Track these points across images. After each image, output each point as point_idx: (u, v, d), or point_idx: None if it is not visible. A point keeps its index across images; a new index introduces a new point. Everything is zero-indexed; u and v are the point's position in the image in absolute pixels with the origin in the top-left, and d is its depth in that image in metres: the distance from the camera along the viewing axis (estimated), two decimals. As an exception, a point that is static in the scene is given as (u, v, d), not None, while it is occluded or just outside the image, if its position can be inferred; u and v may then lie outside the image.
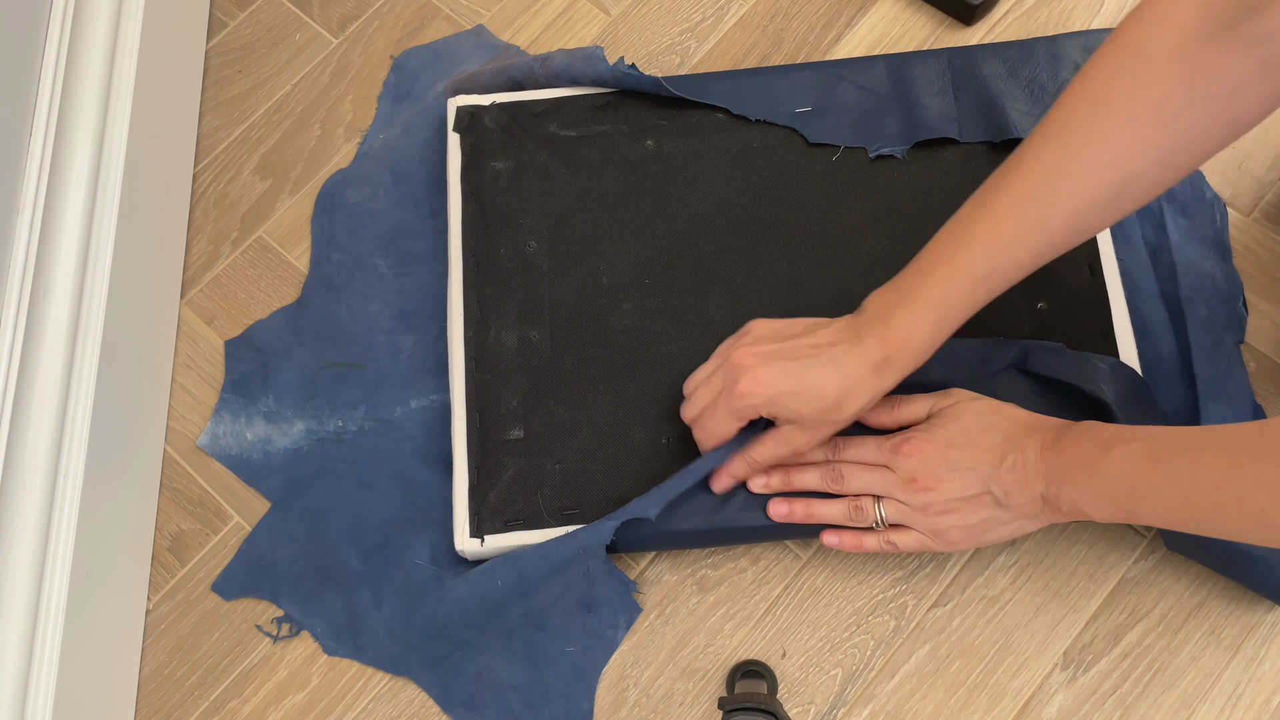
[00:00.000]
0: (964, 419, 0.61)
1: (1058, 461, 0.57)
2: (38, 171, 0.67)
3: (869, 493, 0.63)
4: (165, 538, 0.72)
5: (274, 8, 0.86)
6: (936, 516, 0.61)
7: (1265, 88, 0.50)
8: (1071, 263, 0.69)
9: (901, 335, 0.58)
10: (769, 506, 0.65)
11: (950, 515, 0.60)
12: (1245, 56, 0.49)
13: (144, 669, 0.69)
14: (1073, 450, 0.57)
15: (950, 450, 0.60)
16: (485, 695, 0.66)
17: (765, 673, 0.65)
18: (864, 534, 0.63)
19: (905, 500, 0.61)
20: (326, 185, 0.79)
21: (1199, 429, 0.53)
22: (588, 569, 0.64)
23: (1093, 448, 0.56)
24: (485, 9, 0.84)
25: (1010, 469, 0.59)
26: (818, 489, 0.64)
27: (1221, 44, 0.49)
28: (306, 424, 0.73)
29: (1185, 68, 0.50)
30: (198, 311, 0.77)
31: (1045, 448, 0.58)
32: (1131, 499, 0.54)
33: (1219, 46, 0.49)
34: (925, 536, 0.62)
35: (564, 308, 0.71)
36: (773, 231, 0.72)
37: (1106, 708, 0.64)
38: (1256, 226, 0.73)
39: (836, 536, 0.64)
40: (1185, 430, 0.53)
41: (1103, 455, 0.55)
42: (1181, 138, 0.52)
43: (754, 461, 0.63)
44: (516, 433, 0.68)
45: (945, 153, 0.73)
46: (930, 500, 0.60)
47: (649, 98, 0.75)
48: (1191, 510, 0.51)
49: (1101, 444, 0.55)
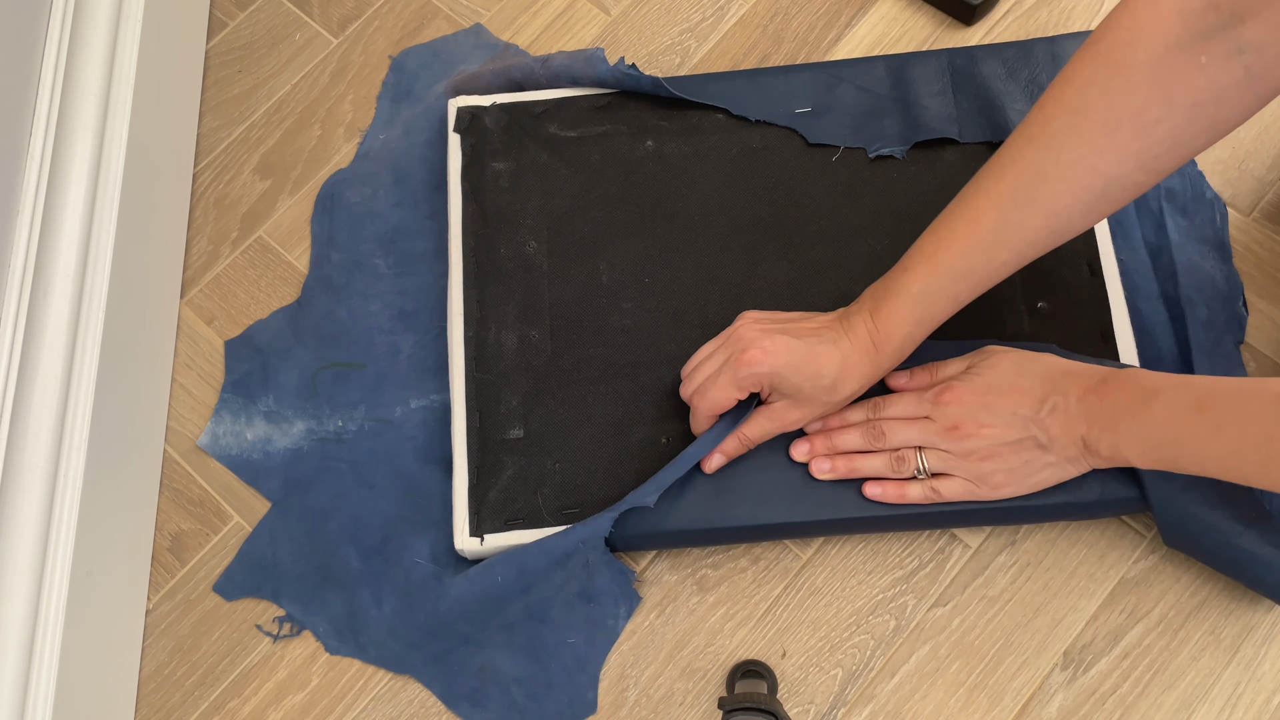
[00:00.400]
0: (1001, 365, 0.62)
1: (1100, 406, 0.58)
2: (38, 171, 0.67)
3: (911, 445, 0.63)
4: (165, 538, 0.72)
5: (274, 8, 0.86)
6: (979, 462, 0.61)
7: (1248, 95, 0.50)
8: (1071, 263, 0.69)
9: (885, 326, 0.59)
10: (811, 465, 0.65)
11: (993, 460, 0.61)
12: (1227, 65, 0.49)
13: (144, 669, 0.69)
14: (1116, 395, 0.57)
15: (989, 395, 0.61)
16: (489, 689, 0.66)
17: (765, 673, 0.65)
18: (907, 484, 0.64)
19: (948, 448, 0.62)
20: (326, 185, 0.79)
21: (1247, 380, 0.53)
22: (587, 560, 0.64)
23: (1137, 393, 0.56)
24: (485, 9, 0.84)
25: (1051, 411, 0.59)
26: (860, 449, 0.64)
27: (1201, 53, 0.49)
28: (306, 424, 0.73)
29: (1164, 77, 0.50)
30: (198, 311, 0.77)
31: (1088, 391, 0.59)
32: (1174, 446, 0.55)
33: (1198, 55, 0.49)
34: (969, 482, 0.62)
35: (564, 307, 0.71)
36: (773, 231, 0.72)
37: (1106, 708, 0.64)
38: (1256, 226, 0.73)
39: (879, 487, 0.64)
40: (1233, 381, 0.53)
41: (1148, 401, 0.56)
42: (1161, 143, 0.52)
43: (746, 438, 0.64)
44: (516, 432, 0.68)
45: (945, 153, 0.73)
46: (973, 446, 0.61)
47: (649, 98, 0.75)
48: (1236, 461, 0.52)
49: (1147, 390, 0.56)
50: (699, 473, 0.66)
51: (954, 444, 0.62)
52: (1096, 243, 0.69)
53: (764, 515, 0.65)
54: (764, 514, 0.65)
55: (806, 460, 0.65)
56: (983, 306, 0.68)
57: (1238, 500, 0.61)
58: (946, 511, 0.65)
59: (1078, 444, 0.59)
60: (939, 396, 0.62)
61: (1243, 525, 0.61)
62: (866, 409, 0.65)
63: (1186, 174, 0.73)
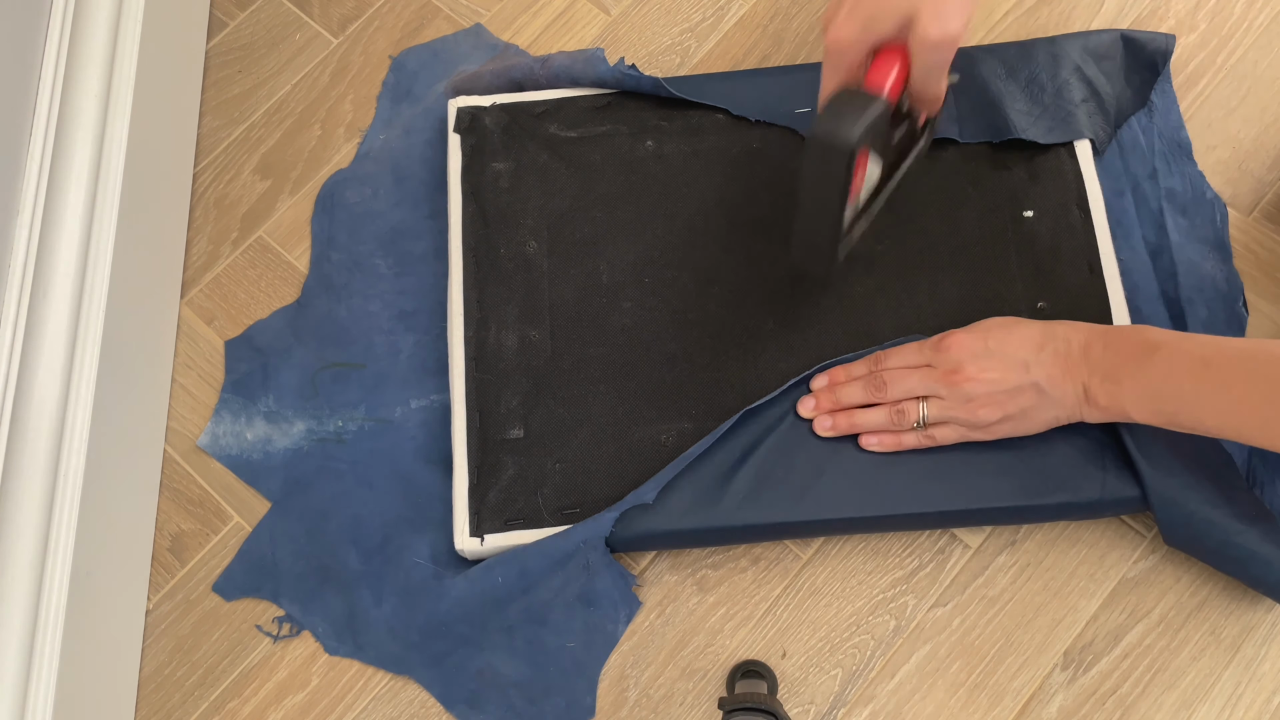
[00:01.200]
0: (1002, 318, 0.63)
1: (1103, 356, 0.58)
2: (38, 171, 0.67)
3: (912, 395, 0.64)
4: (165, 538, 0.72)
5: (274, 8, 0.86)
6: (979, 409, 0.62)
7: None
8: (1071, 263, 0.69)
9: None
10: (814, 424, 0.66)
11: (991, 406, 0.62)
12: None
13: (144, 669, 0.69)
14: (1120, 346, 0.58)
15: (990, 340, 0.62)
16: (487, 692, 0.66)
17: (765, 673, 0.65)
18: (903, 433, 0.64)
19: (947, 395, 0.62)
20: (326, 185, 0.79)
21: (1253, 340, 0.53)
22: (587, 562, 0.64)
23: (1141, 345, 0.57)
24: (485, 9, 0.84)
25: (1052, 355, 0.60)
26: (862, 401, 0.65)
27: None
28: (306, 424, 0.73)
29: None
30: (198, 311, 0.77)
31: (1091, 341, 0.59)
32: (1175, 400, 0.55)
33: None
34: (964, 429, 0.63)
35: (564, 307, 0.71)
36: (772, 232, 0.72)
37: (1107, 708, 0.64)
38: (1256, 226, 0.73)
39: (876, 438, 0.65)
40: (1238, 340, 0.54)
41: (1151, 354, 0.56)
42: None
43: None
44: (516, 432, 0.68)
45: (945, 153, 0.73)
46: (972, 391, 0.61)
47: (649, 98, 0.75)
48: (1236, 420, 0.52)
49: (1151, 343, 0.56)
50: (699, 473, 0.66)
51: (954, 390, 0.62)
52: (1097, 242, 0.69)
53: (764, 515, 0.65)
54: (764, 514, 0.65)
55: (813, 416, 0.66)
56: (982, 306, 0.68)
57: (1238, 499, 0.61)
58: (947, 511, 0.65)
59: (1078, 392, 0.60)
60: (940, 343, 0.63)
61: (1243, 524, 0.61)
62: (869, 362, 0.66)
63: (1187, 174, 0.73)
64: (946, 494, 0.65)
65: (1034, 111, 0.72)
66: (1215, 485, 0.61)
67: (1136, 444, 0.63)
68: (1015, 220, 0.70)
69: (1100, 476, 0.63)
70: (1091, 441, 0.64)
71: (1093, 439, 0.64)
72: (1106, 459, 0.64)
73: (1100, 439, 0.64)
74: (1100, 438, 0.64)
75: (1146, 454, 0.62)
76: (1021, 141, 0.72)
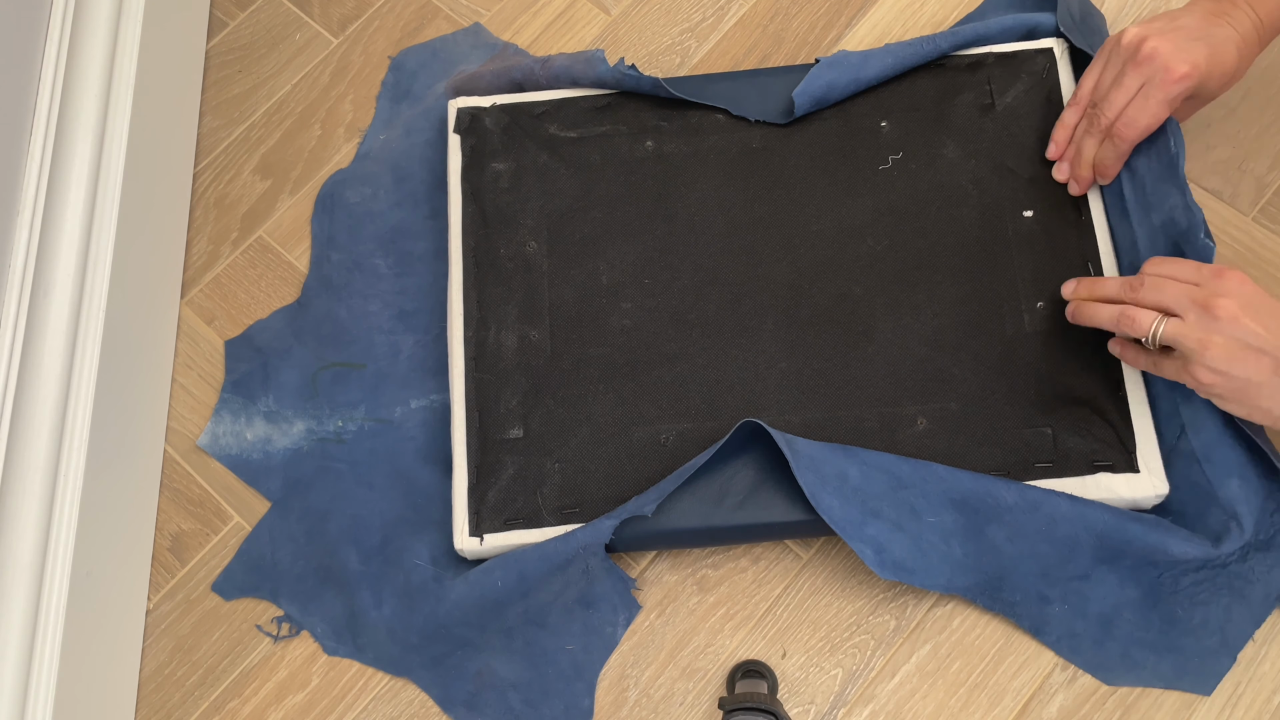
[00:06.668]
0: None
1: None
2: (38, 171, 0.67)
3: (1162, 307, 0.60)
4: (165, 538, 0.72)
5: (274, 8, 0.86)
6: (1210, 349, 0.57)
7: None
8: (1072, 262, 0.69)
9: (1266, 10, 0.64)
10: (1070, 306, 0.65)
11: (1224, 353, 0.57)
12: None
13: (144, 669, 0.69)
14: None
15: (1272, 300, 0.58)
16: (486, 694, 0.66)
17: (765, 673, 0.65)
18: (1130, 347, 0.63)
19: (1194, 319, 0.58)
20: (326, 185, 0.79)
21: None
22: (587, 566, 0.64)
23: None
24: (485, 9, 0.85)
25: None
26: (1114, 296, 0.62)
27: None
28: (306, 424, 0.73)
29: None
30: (198, 311, 0.78)
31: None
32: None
33: None
34: (1182, 367, 0.59)
35: (564, 308, 0.71)
36: (772, 231, 0.72)
37: (1107, 708, 0.64)
38: (1256, 226, 0.73)
39: (1118, 346, 0.64)
40: None
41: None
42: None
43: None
44: (516, 432, 0.68)
45: (945, 152, 0.73)
46: (1220, 327, 0.57)
47: (649, 99, 0.75)
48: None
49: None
50: (699, 473, 0.66)
51: (1204, 314, 0.58)
52: (1097, 242, 0.69)
53: (764, 515, 0.65)
54: (764, 514, 0.65)
55: (1071, 298, 0.65)
56: (982, 306, 0.68)
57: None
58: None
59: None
60: (1221, 272, 0.59)
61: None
62: (1145, 266, 0.62)
63: (1192, 208, 0.68)
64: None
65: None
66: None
67: None
68: (1015, 220, 0.71)
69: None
70: None
71: None
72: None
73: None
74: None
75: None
76: (1022, 142, 0.72)
